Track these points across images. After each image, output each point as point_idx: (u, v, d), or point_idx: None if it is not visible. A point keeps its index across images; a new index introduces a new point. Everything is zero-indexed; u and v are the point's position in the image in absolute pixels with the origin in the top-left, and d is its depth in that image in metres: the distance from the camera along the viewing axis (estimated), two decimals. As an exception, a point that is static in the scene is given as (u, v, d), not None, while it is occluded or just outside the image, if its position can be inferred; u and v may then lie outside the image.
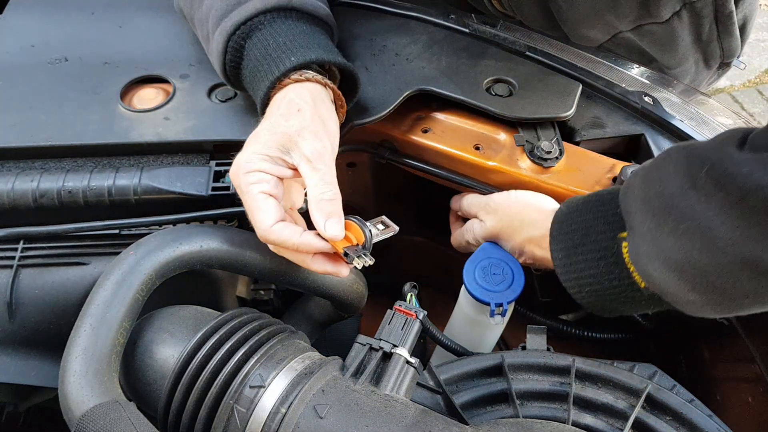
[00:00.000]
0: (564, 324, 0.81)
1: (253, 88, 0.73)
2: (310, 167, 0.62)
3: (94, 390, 0.54)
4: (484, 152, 0.80)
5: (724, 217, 0.50)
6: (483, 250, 0.74)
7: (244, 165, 0.62)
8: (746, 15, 0.96)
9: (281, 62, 0.69)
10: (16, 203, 0.72)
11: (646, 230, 0.56)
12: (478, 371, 0.64)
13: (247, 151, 0.63)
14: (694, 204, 0.52)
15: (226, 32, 0.72)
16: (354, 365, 0.60)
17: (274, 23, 0.72)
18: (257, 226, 0.62)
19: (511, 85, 0.83)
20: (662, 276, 0.56)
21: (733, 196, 0.49)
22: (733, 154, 0.50)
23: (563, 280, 0.67)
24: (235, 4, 0.72)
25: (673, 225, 0.54)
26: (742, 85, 2.96)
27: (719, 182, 0.50)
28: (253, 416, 0.55)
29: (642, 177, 0.59)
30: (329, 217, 0.61)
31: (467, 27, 0.91)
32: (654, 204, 0.56)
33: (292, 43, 0.70)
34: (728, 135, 0.53)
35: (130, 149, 0.77)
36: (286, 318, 0.83)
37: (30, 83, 0.83)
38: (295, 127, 0.64)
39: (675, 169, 0.55)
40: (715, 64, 1.03)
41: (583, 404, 0.61)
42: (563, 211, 0.69)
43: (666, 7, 0.89)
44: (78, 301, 0.70)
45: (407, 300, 0.71)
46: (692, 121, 0.82)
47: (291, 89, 0.68)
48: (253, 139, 0.65)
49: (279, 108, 0.67)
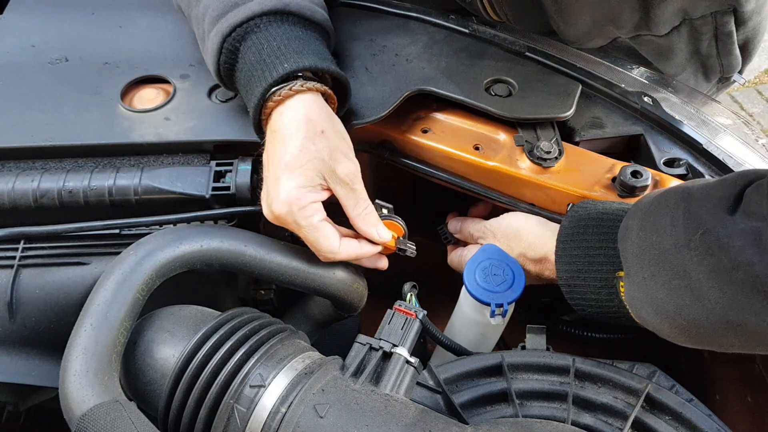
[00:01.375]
0: (564, 324, 0.81)
1: (246, 92, 0.72)
2: (347, 189, 0.68)
3: (95, 389, 0.54)
4: (484, 152, 0.80)
5: (713, 281, 0.52)
6: (484, 251, 0.74)
7: (295, 202, 0.65)
8: (748, 36, 0.96)
9: (274, 68, 0.68)
10: (16, 203, 0.72)
11: (641, 279, 0.59)
12: (477, 371, 0.64)
13: (289, 185, 0.65)
14: (687, 263, 0.54)
15: (221, 33, 0.71)
16: (354, 365, 0.61)
17: (270, 27, 0.71)
18: (325, 251, 0.68)
19: (511, 85, 0.83)
20: (654, 320, 0.60)
21: (724, 264, 0.51)
22: (728, 223, 0.51)
23: (568, 298, 0.69)
24: (232, 5, 0.71)
25: (666, 279, 0.56)
26: (742, 85, 2.96)
27: (711, 248, 0.52)
28: (253, 416, 0.56)
29: (640, 221, 0.60)
30: (376, 226, 0.71)
31: (467, 27, 0.91)
32: (649, 254, 0.58)
33: (286, 48, 0.70)
34: (724, 192, 0.54)
35: (131, 149, 0.77)
36: (286, 318, 0.83)
37: (30, 83, 0.83)
38: (326, 151, 0.67)
39: (672, 223, 0.56)
40: (714, 78, 1.03)
41: (583, 404, 0.61)
42: (567, 229, 0.70)
43: (665, 23, 0.89)
44: (78, 300, 0.70)
45: (407, 300, 0.71)
46: (692, 122, 0.82)
47: (301, 103, 0.68)
48: (286, 170, 0.66)
49: (299, 128, 0.67)
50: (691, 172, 0.78)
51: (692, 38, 0.93)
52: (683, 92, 0.88)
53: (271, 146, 0.69)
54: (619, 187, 0.74)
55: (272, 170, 0.67)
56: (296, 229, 0.68)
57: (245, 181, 0.74)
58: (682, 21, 0.90)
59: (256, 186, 0.75)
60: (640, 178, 0.73)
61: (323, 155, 0.67)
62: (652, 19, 0.87)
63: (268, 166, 0.69)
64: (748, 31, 0.95)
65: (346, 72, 0.83)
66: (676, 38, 0.92)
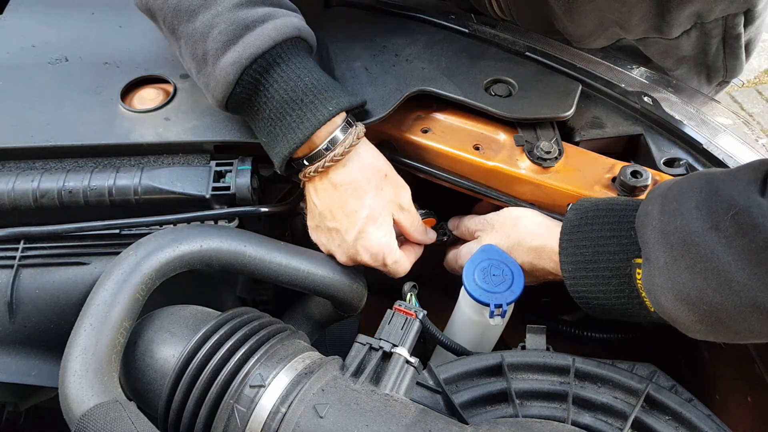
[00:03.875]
0: (564, 324, 0.81)
1: (278, 130, 0.70)
2: (407, 214, 0.78)
3: (94, 390, 0.54)
4: (484, 152, 0.80)
5: (743, 263, 0.52)
6: (483, 251, 0.74)
7: (386, 249, 0.75)
8: (752, 37, 0.96)
9: (318, 111, 0.68)
10: (16, 203, 0.72)
11: (663, 264, 0.58)
12: (477, 371, 0.64)
13: (376, 235, 0.74)
14: (715, 246, 0.53)
15: (240, 64, 0.67)
16: (354, 365, 0.61)
17: (291, 59, 0.69)
18: (402, 274, 0.78)
19: (511, 85, 0.83)
20: (673, 307, 0.58)
21: (756, 245, 0.51)
22: (762, 203, 0.51)
23: (571, 291, 0.68)
24: (243, 28, 0.67)
25: (691, 262, 0.55)
26: (739, 87, 2.96)
27: (743, 229, 0.51)
28: (253, 416, 0.56)
29: (660, 206, 0.60)
30: (426, 234, 0.83)
31: (467, 27, 0.91)
32: (672, 238, 0.57)
33: (315, 87, 0.69)
34: (751, 175, 0.54)
35: (131, 149, 0.77)
36: (286, 318, 0.83)
37: (30, 83, 0.83)
38: (393, 192, 0.76)
39: (697, 206, 0.56)
40: (716, 81, 1.03)
41: (583, 404, 0.61)
42: (572, 221, 0.69)
43: (677, 27, 0.89)
44: (78, 300, 0.70)
45: (407, 300, 0.71)
46: (692, 122, 0.82)
47: (362, 151, 0.73)
48: (370, 223, 0.73)
49: (369, 179, 0.73)
50: (691, 172, 0.78)
51: (700, 41, 0.93)
52: (683, 92, 0.88)
53: (338, 197, 0.72)
54: (619, 187, 0.74)
55: (348, 221, 0.72)
56: (379, 266, 0.76)
57: (245, 181, 0.74)
58: (693, 24, 0.90)
59: (256, 186, 0.75)
60: (640, 178, 0.73)
61: (392, 197, 0.75)
62: (665, 22, 0.86)
63: (336, 215, 0.73)
64: (752, 31, 0.95)
65: (345, 72, 0.83)
66: (685, 41, 0.92)
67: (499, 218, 0.78)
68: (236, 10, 0.68)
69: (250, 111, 0.72)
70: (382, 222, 0.74)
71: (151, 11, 0.74)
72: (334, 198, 0.72)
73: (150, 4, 0.73)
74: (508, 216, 0.77)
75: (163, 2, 0.71)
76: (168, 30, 0.72)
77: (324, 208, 0.73)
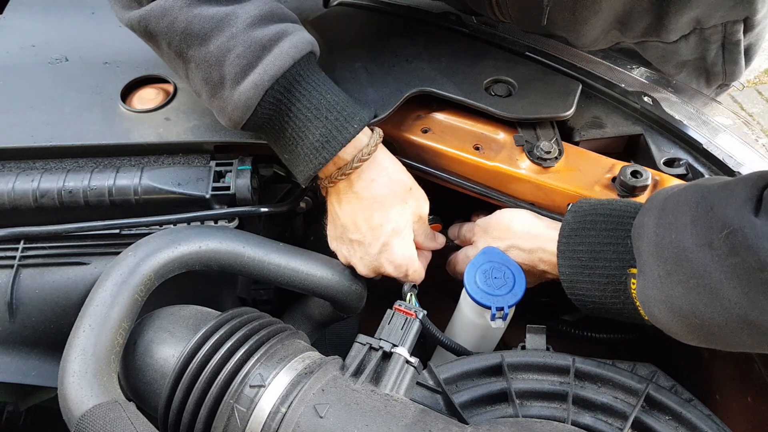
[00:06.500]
0: (564, 324, 0.81)
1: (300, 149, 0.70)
2: (422, 222, 0.80)
3: (94, 390, 0.54)
4: (484, 152, 0.80)
5: (735, 281, 0.52)
6: (484, 253, 0.74)
7: (409, 260, 0.76)
8: (752, 42, 0.96)
9: (344, 129, 0.68)
10: (16, 203, 0.72)
11: (656, 277, 0.58)
12: (477, 371, 0.64)
13: (401, 248, 0.75)
14: (708, 263, 0.53)
15: (262, 87, 0.66)
16: (354, 365, 0.61)
17: (310, 76, 0.69)
18: (418, 280, 0.78)
19: (511, 85, 0.83)
20: (666, 318, 0.59)
21: (749, 264, 0.51)
22: (756, 223, 0.51)
23: (568, 293, 0.69)
24: (260, 48, 0.66)
25: (684, 277, 0.55)
26: (742, 88, 2.96)
27: (736, 248, 0.51)
28: (253, 416, 0.56)
29: (656, 219, 0.60)
30: (437, 240, 0.84)
31: (467, 27, 0.91)
32: (666, 252, 0.57)
33: (337, 104, 0.69)
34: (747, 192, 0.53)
35: (131, 150, 0.77)
36: (286, 318, 0.83)
37: (30, 83, 0.83)
38: (416, 204, 0.77)
39: (692, 222, 0.56)
40: (715, 84, 1.03)
41: (583, 404, 0.61)
42: (570, 224, 0.69)
43: (676, 31, 0.89)
44: (78, 301, 0.70)
45: (407, 300, 0.71)
46: (692, 122, 0.82)
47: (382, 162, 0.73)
48: (394, 236, 0.74)
49: (395, 193, 0.73)
50: (691, 172, 0.78)
51: (699, 46, 0.93)
52: (683, 92, 0.88)
53: (363, 210, 0.72)
54: (619, 187, 0.74)
55: (372, 235, 0.73)
56: (401, 277, 0.77)
57: (245, 182, 0.74)
58: (692, 30, 0.90)
59: (256, 186, 0.75)
60: (640, 178, 0.73)
61: (414, 209, 0.76)
62: (664, 26, 0.86)
63: (361, 228, 0.73)
64: (752, 37, 0.95)
65: (346, 72, 0.83)
66: (684, 45, 0.92)
67: (492, 222, 0.78)
68: (251, 31, 0.66)
69: (270, 130, 0.71)
70: (406, 235, 0.76)
71: (152, 34, 0.69)
72: (358, 210, 0.72)
73: (151, 27, 0.68)
74: (501, 219, 0.77)
75: (169, 26, 0.67)
76: (174, 53, 0.69)
77: (347, 220, 0.73)
